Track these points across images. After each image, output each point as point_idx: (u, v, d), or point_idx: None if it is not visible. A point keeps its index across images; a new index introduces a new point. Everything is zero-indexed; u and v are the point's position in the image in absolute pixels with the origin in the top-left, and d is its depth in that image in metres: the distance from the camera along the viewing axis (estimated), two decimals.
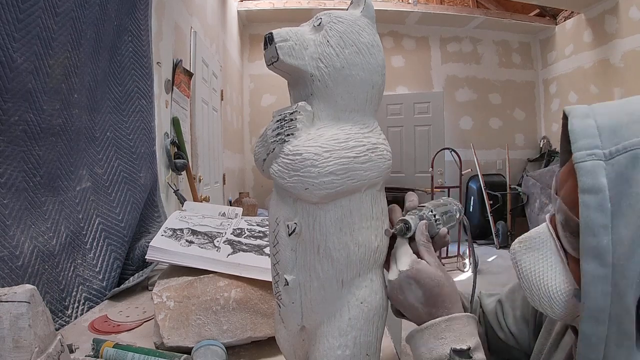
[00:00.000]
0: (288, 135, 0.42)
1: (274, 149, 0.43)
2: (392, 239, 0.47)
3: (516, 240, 0.44)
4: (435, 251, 0.47)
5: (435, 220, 0.48)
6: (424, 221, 0.46)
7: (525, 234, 0.44)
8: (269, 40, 0.42)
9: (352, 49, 0.42)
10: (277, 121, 0.44)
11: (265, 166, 0.45)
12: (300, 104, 0.43)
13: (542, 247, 0.41)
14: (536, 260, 0.41)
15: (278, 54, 0.41)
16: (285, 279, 0.43)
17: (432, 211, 0.48)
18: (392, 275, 0.44)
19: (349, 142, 0.41)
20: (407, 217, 0.46)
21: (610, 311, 0.33)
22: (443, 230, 0.48)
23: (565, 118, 0.38)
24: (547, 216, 0.43)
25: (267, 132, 0.45)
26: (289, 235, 0.42)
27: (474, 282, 0.54)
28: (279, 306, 0.46)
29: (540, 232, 0.42)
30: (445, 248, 4.01)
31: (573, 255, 0.38)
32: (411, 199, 0.50)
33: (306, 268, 0.43)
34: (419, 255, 0.45)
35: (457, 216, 0.53)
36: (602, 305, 0.33)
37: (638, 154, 0.32)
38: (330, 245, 0.41)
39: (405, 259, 0.44)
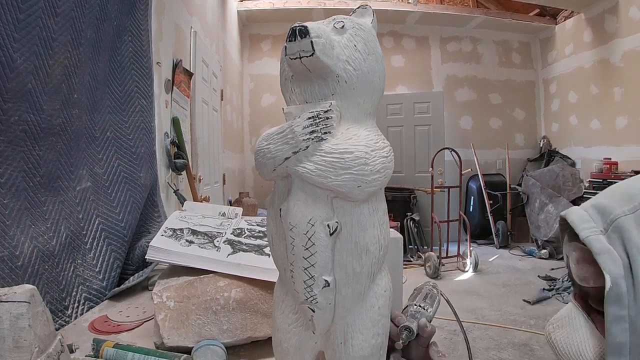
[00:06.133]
0: (325, 133, 0.41)
1: (306, 147, 0.41)
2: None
3: (548, 323, 0.51)
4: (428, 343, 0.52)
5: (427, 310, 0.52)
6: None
7: (555, 315, 0.51)
8: (301, 33, 0.40)
9: (373, 57, 0.45)
10: (309, 118, 0.42)
11: (290, 164, 0.42)
12: (332, 102, 0.43)
13: (571, 322, 0.47)
14: (568, 335, 0.47)
15: (314, 49, 0.40)
16: (325, 281, 0.43)
17: (417, 305, 0.52)
18: None
19: (378, 143, 0.43)
20: (407, 324, 0.49)
21: (630, 345, 0.40)
22: (422, 321, 0.51)
23: (563, 220, 0.48)
24: (571, 296, 0.51)
25: (293, 129, 0.42)
26: (331, 234, 0.42)
27: None
28: (312, 311, 0.44)
29: (568, 310, 0.49)
30: (446, 248, 4.01)
31: (599, 317, 0.44)
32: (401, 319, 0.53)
33: (342, 266, 0.43)
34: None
35: (436, 292, 0.57)
36: (623, 340, 0.40)
37: (619, 223, 0.41)
38: (367, 240, 0.43)
39: None
